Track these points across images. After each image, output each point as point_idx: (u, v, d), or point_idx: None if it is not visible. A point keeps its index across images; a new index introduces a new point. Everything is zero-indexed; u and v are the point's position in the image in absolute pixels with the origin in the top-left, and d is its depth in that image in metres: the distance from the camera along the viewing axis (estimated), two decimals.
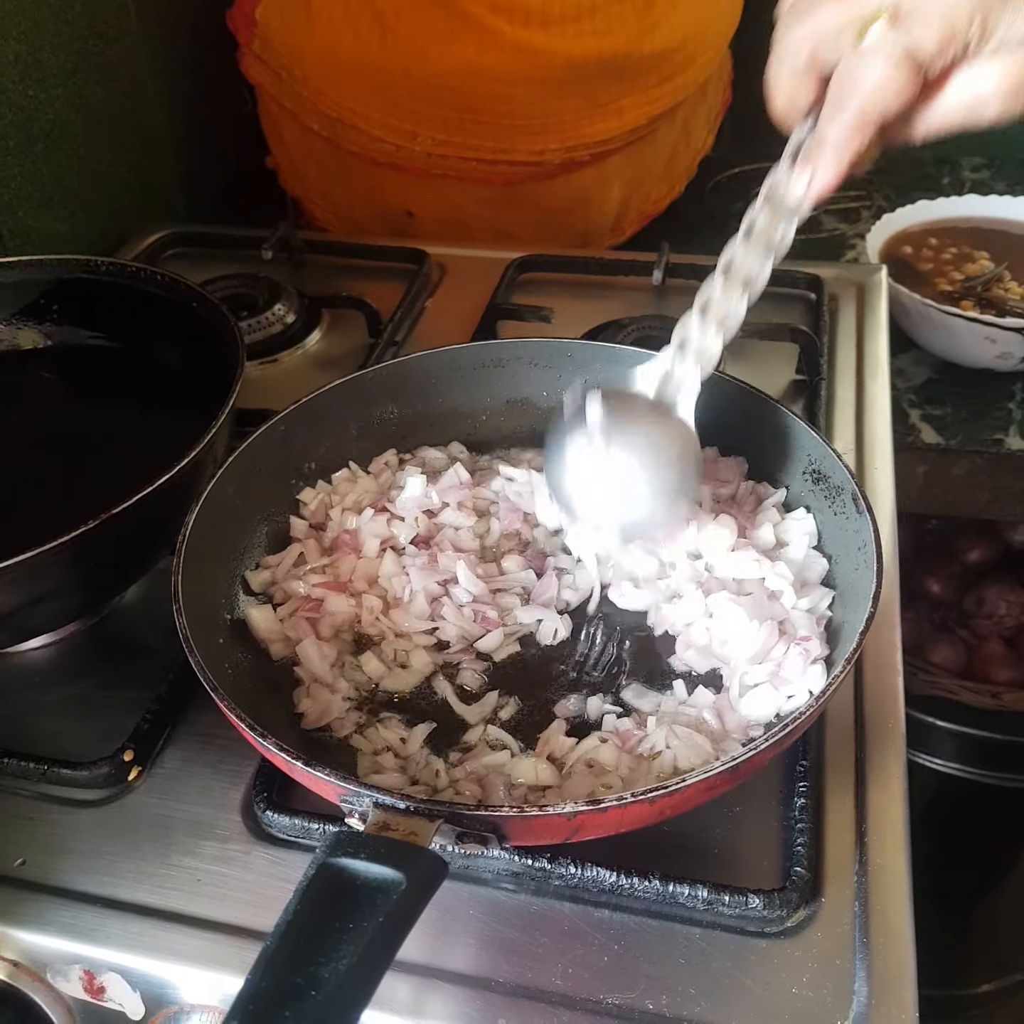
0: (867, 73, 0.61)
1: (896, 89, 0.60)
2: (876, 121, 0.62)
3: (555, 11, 1.31)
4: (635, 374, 0.77)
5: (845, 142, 0.64)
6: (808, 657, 0.70)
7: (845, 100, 0.63)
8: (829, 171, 0.66)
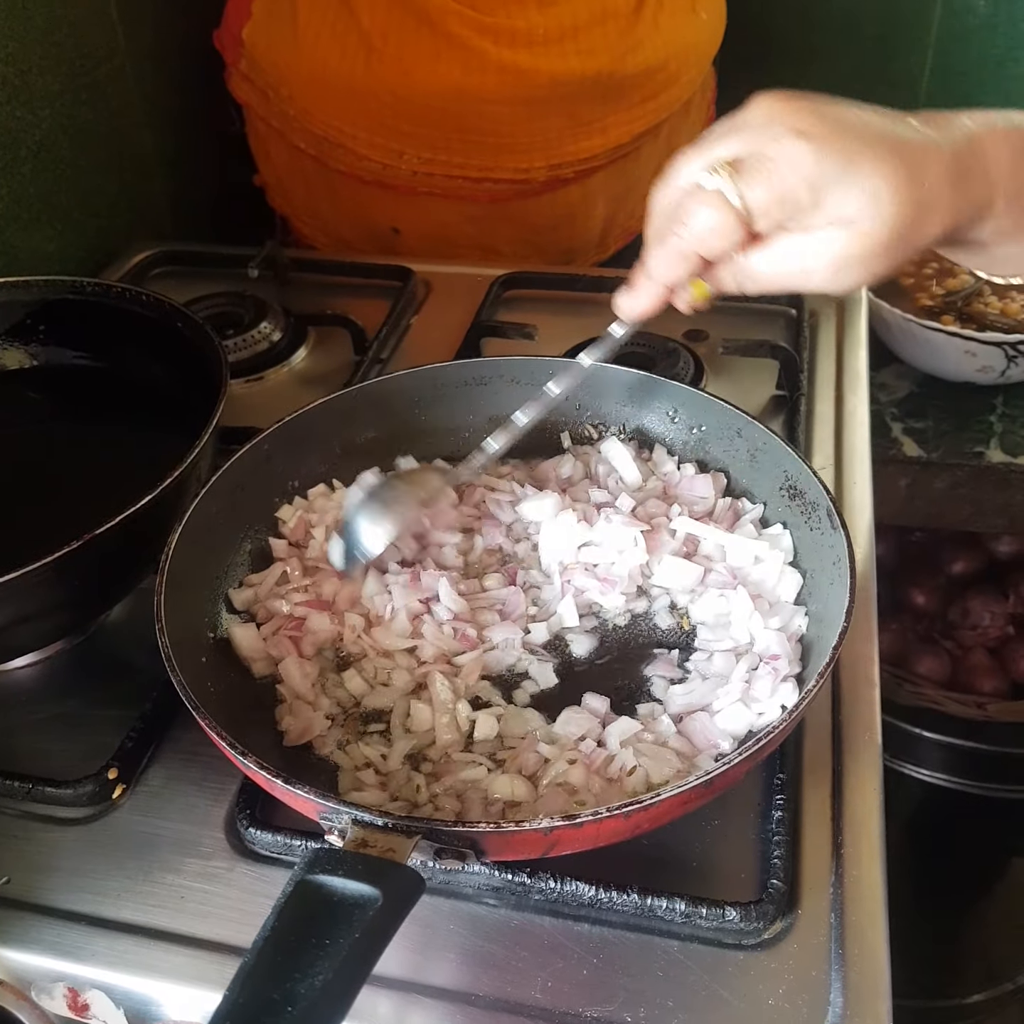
0: (694, 210, 0.63)
1: (718, 229, 0.63)
2: (694, 257, 0.65)
3: (539, 32, 1.33)
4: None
5: (664, 271, 0.67)
6: (777, 676, 0.71)
7: (670, 232, 0.65)
8: (648, 296, 0.69)
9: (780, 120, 0.62)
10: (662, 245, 0.66)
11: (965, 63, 1.81)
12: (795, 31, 1.82)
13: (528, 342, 1.18)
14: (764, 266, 0.66)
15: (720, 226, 0.63)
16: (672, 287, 0.69)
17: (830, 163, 0.61)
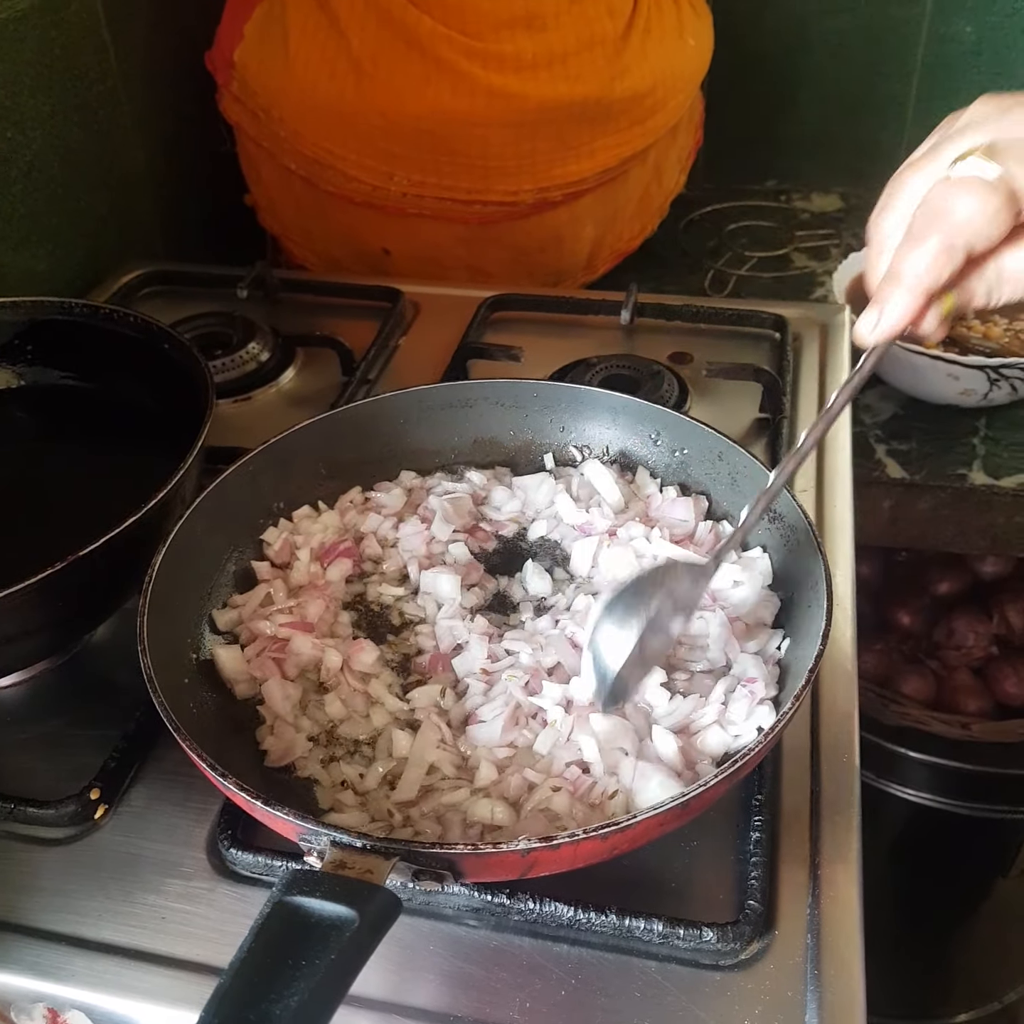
0: (957, 199, 0.58)
1: (989, 216, 0.57)
2: (962, 252, 0.58)
3: (528, 57, 1.34)
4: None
5: (924, 274, 0.59)
6: (754, 699, 0.72)
7: (929, 229, 0.59)
8: (900, 308, 0.61)
9: (1016, 107, 0.59)
10: (919, 244, 0.59)
11: (950, 89, 1.83)
12: (782, 56, 1.84)
13: (514, 364, 1.19)
14: (1019, 265, 0.60)
15: (993, 210, 0.57)
16: (933, 294, 0.60)
17: None
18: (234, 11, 1.44)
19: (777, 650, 0.77)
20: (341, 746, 0.77)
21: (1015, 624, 1.63)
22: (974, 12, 1.75)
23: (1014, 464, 1.34)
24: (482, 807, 0.69)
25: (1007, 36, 1.75)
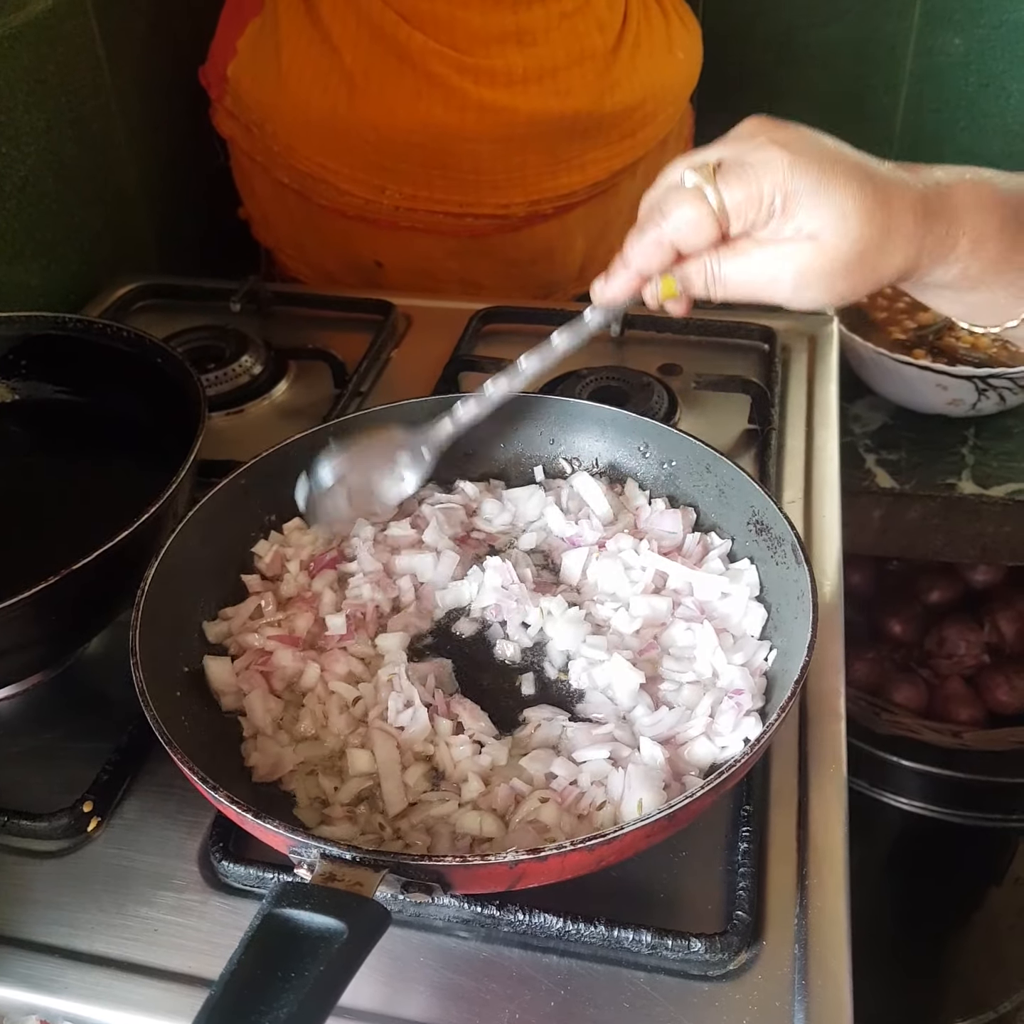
0: (673, 204, 0.67)
1: (694, 223, 0.66)
2: (669, 247, 0.68)
3: (519, 72, 1.35)
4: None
5: (638, 258, 0.70)
6: (740, 710, 0.72)
7: (648, 223, 0.69)
8: (619, 280, 0.73)
9: (764, 133, 0.67)
10: (641, 235, 0.69)
11: (938, 100, 1.84)
12: (771, 68, 1.85)
13: None
14: (733, 272, 0.69)
15: (697, 220, 0.66)
16: (645, 276, 0.72)
17: (804, 175, 0.65)
18: (227, 26, 1.45)
19: (764, 661, 0.78)
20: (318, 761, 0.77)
21: (1006, 632, 1.64)
22: (961, 24, 1.76)
23: (1003, 473, 1.35)
24: (470, 819, 0.70)
25: (994, 48, 1.77)
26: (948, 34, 1.78)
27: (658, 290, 0.73)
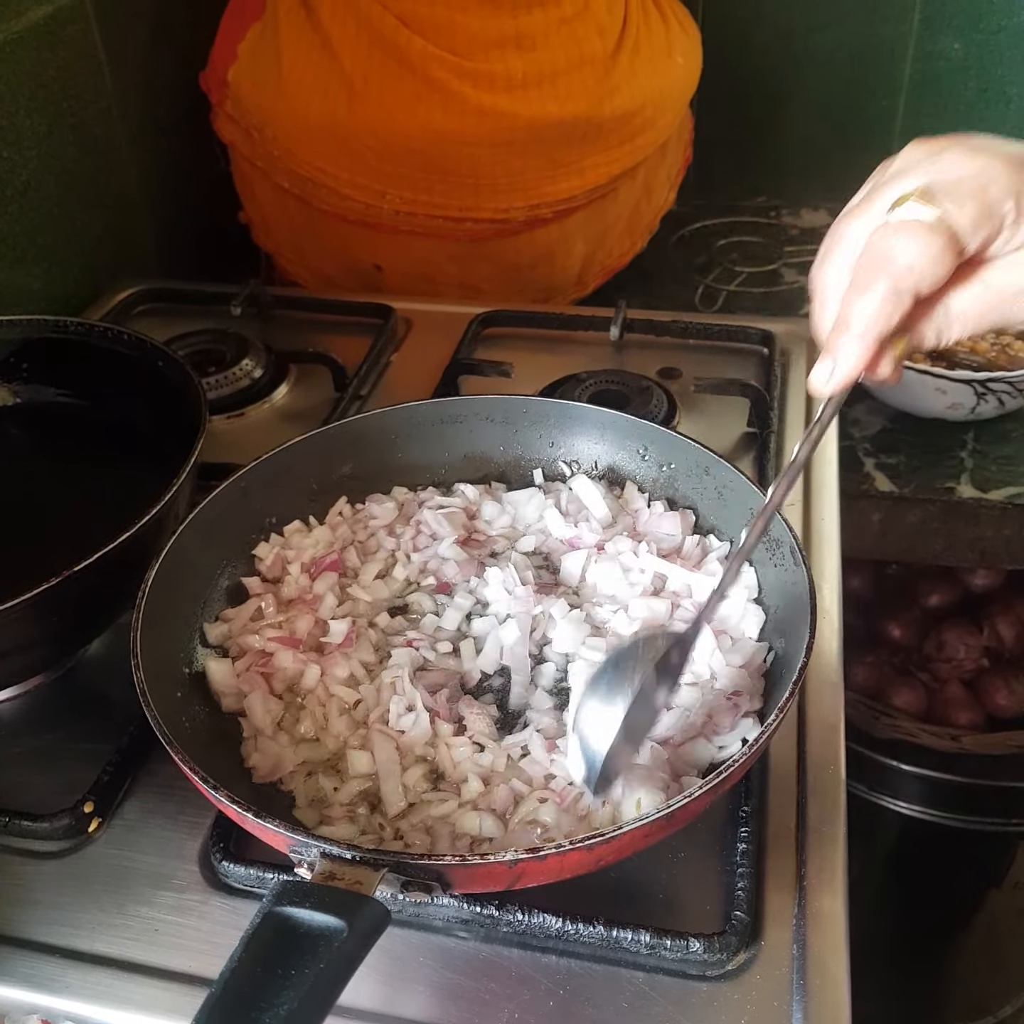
0: (899, 244, 0.58)
1: (932, 258, 0.57)
2: (909, 296, 0.58)
3: (518, 77, 1.36)
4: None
5: (874, 321, 0.59)
6: (738, 711, 0.73)
7: (873, 276, 0.58)
8: (854, 356, 0.60)
9: (947, 149, 0.60)
10: (865, 291, 0.59)
11: (938, 105, 1.85)
12: (770, 74, 1.86)
13: (505, 380, 1.20)
14: (970, 304, 0.61)
15: (936, 252, 0.57)
16: (885, 341, 0.60)
17: (1019, 172, 0.58)
18: (228, 32, 1.46)
19: (763, 663, 0.78)
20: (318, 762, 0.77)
21: (1005, 636, 1.64)
22: (961, 29, 1.76)
23: (1001, 477, 1.35)
24: (470, 819, 0.70)
25: (994, 53, 1.77)
26: (947, 39, 1.78)
27: (895, 353, 0.62)
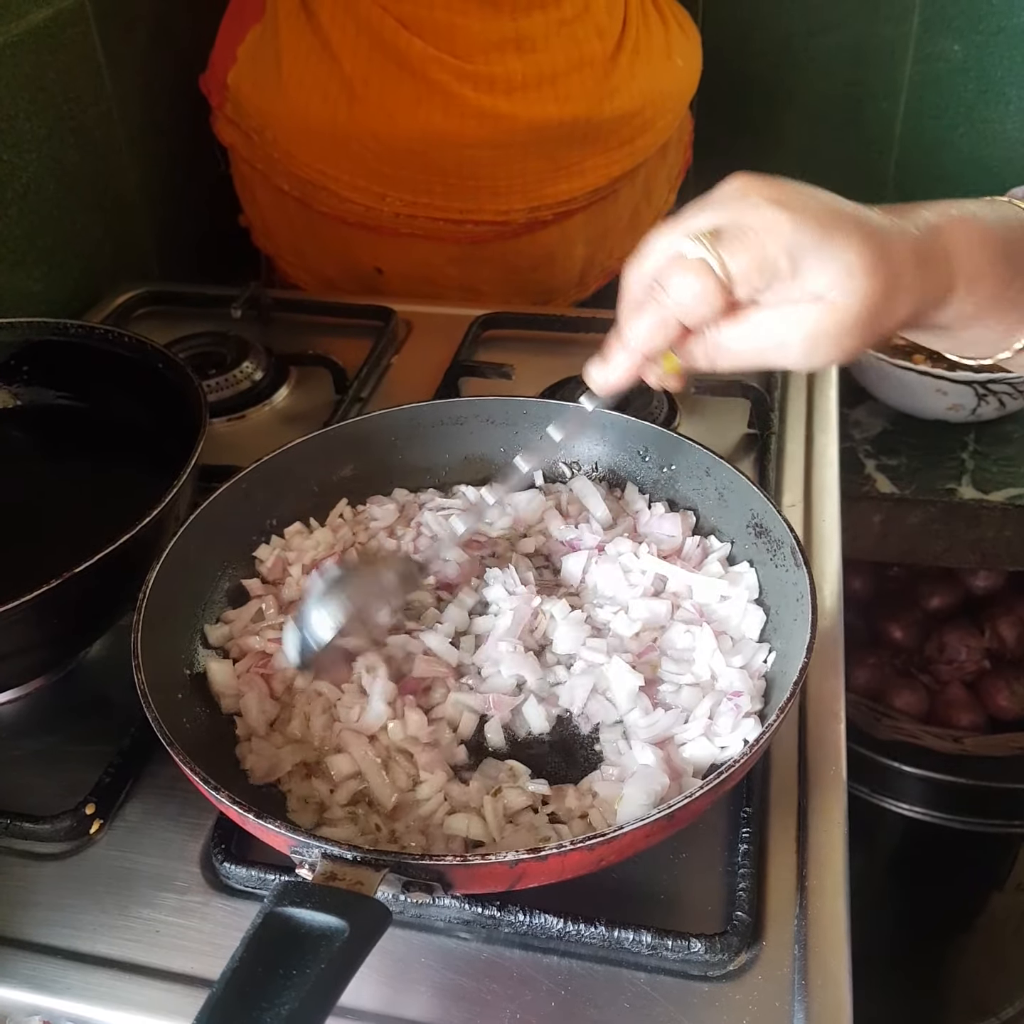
0: (675, 278, 0.63)
1: (700, 296, 0.62)
2: (674, 324, 0.64)
3: (518, 79, 1.36)
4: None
5: (641, 339, 0.65)
6: (739, 712, 0.73)
7: (648, 300, 0.64)
8: (622, 365, 0.68)
9: (756, 192, 0.63)
10: (641, 313, 0.65)
11: (938, 107, 1.85)
12: (770, 75, 1.86)
13: (505, 381, 1.20)
14: (738, 341, 0.65)
15: (702, 293, 0.62)
16: (648, 357, 0.67)
17: (807, 233, 0.61)
18: (227, 34, 1.46)
19: (763, 663, 0.78)
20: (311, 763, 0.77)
21: (1007, 638, 1.64)
22: (960, 31, 1.77)
23: (1002, 479, 1.35)
24: (458, 821, 0.70)
25: (993, 54, 1.77)
26: (947, 40, 1.78)
27: (661, 369, 0.69)
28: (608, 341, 0.68)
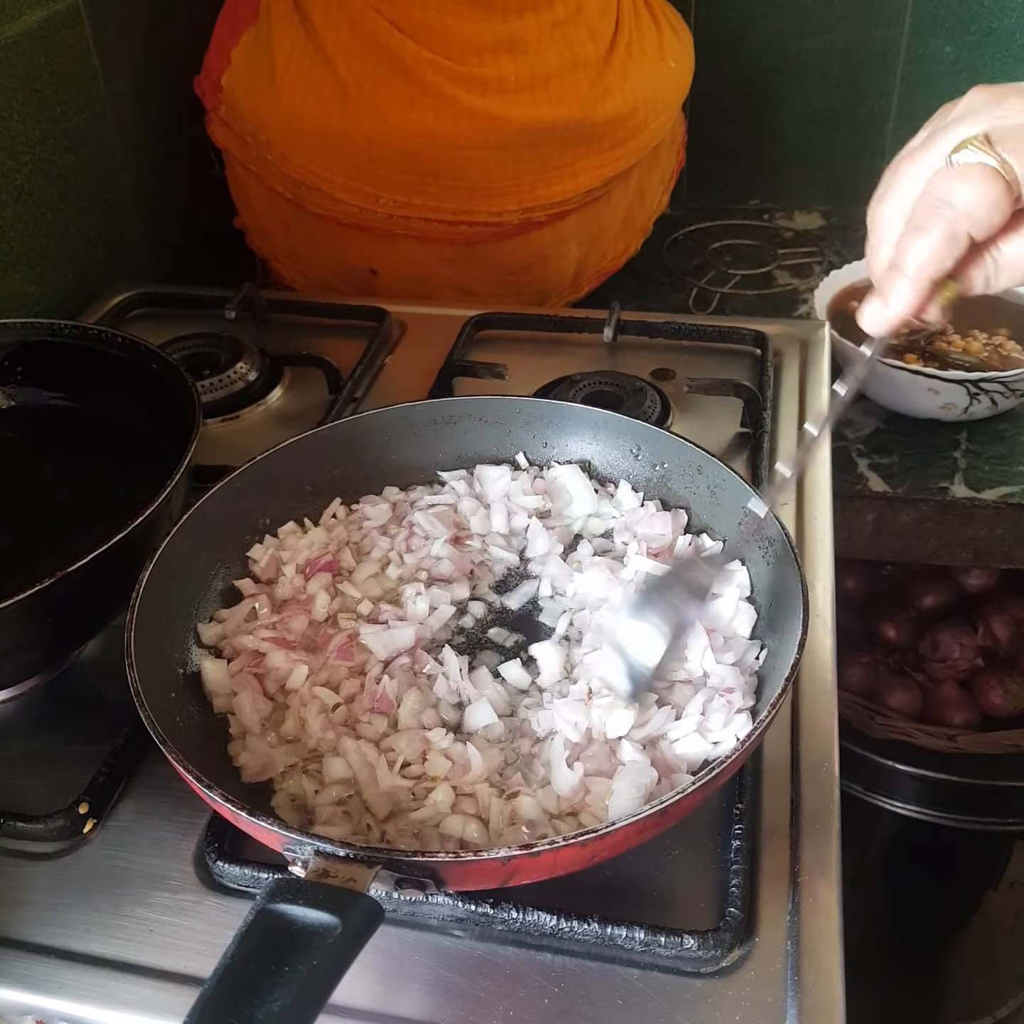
0: (958, 188, 0.58)
1: (989, 204, 0.58)
2: (965, 240, 0.59)
3: (511, 81, 1.36)
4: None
5: (927, 264, 0.60)
6: (731, 708, 0.73)
7: (930, 219, 0.59)
8: (905, 297, 0.62)
9: (1009, 96, 0.59)
10: (924, 233, 0.60)
11: (930, 107, 1.83)
12: (762, 77, 1.86)
13: (499, 381, 1.21)
14: (1019, 252, 0.61)
15: (994, 197, 0.57)
16: (937, 282, 0.62)
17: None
18: (221, 37, 1.46)
19: (756, 660, 0.78)
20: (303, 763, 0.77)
21: (1000, 636, 1.64)
22: (952, 32, 1.77)
23: (995, 477, 1.35)
24: (453, 822, 0.70)
25: (984, 55, 1.78)
26: (939, 41, 1.79)
27: (943, 298, 0.63)
28: (878, 284, 0.63)
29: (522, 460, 0.98)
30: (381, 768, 0.73)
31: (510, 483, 0.95)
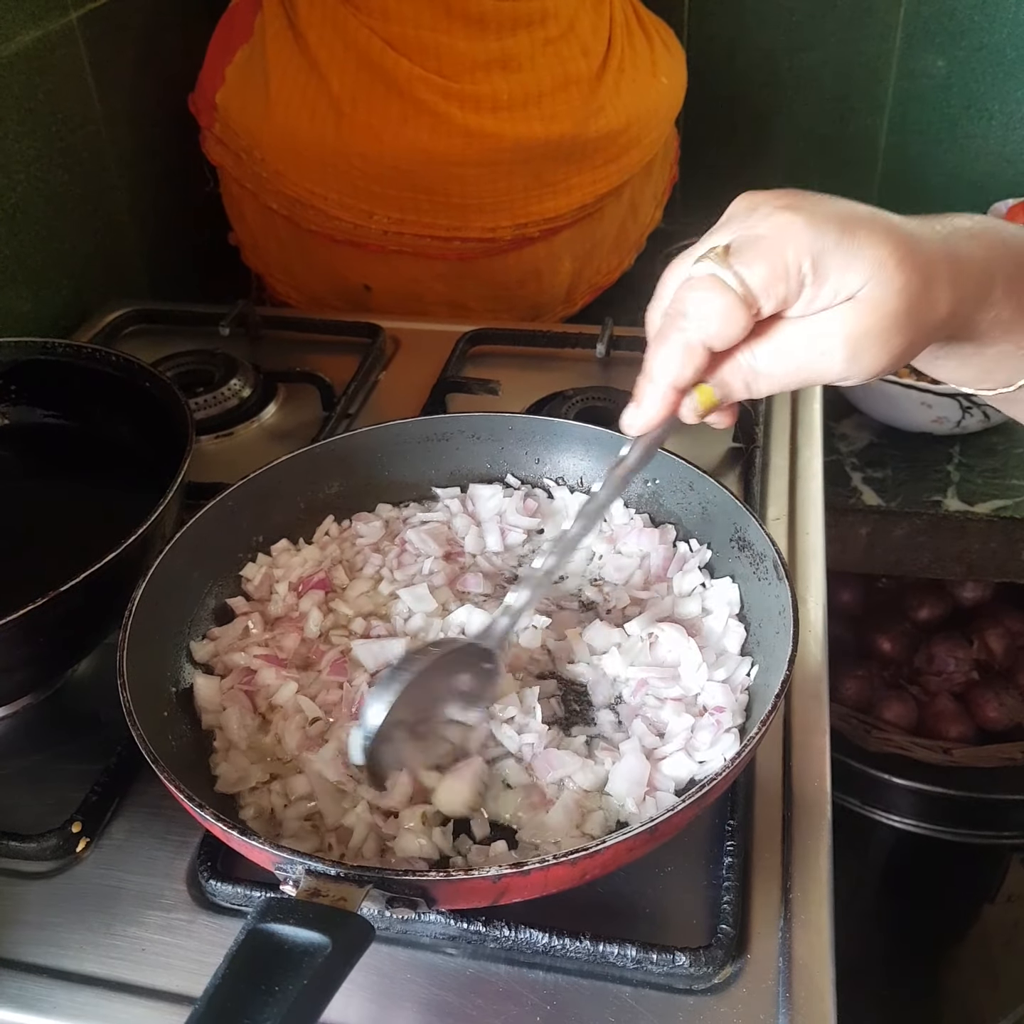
0: (693, 299, 0.59)
1: (721, 312, 0.58)
2: (699, 348, 0.59)
3: (504, 98, 1.37)
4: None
5: (668, 371, 0.61)
6: (720, 727, 0.73)
7: (670, 328, 0.60)
8: (654, 403, 0.62)
9: (765, 203, 0.59)
10: (664, 343, 0.60)
11: (922, 122, 1.87)
12: (755, 91, 1.88)
13: (492, 397, 1.21)
14: (775, 360, 0.60)
15: (723, 309, 0.57)
16: (678, 389, 0.61)
17: (826, 232, 0.57)
18: (216, 55, 1.47)
19: (746, 677, 0.78)
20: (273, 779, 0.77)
21: (995, 649, 1.65)
22: (943, 47, 1.78)
23: (988, 490, 1.36)
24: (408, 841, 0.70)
25: (975, 70, 1.79)
26: (930, 56, 1.80)
27: (696, 403, 0.63)
28: (637, 383, 0.64)
29: (513, 480, 0.99)
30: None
31: (502, 501, 0.95)
